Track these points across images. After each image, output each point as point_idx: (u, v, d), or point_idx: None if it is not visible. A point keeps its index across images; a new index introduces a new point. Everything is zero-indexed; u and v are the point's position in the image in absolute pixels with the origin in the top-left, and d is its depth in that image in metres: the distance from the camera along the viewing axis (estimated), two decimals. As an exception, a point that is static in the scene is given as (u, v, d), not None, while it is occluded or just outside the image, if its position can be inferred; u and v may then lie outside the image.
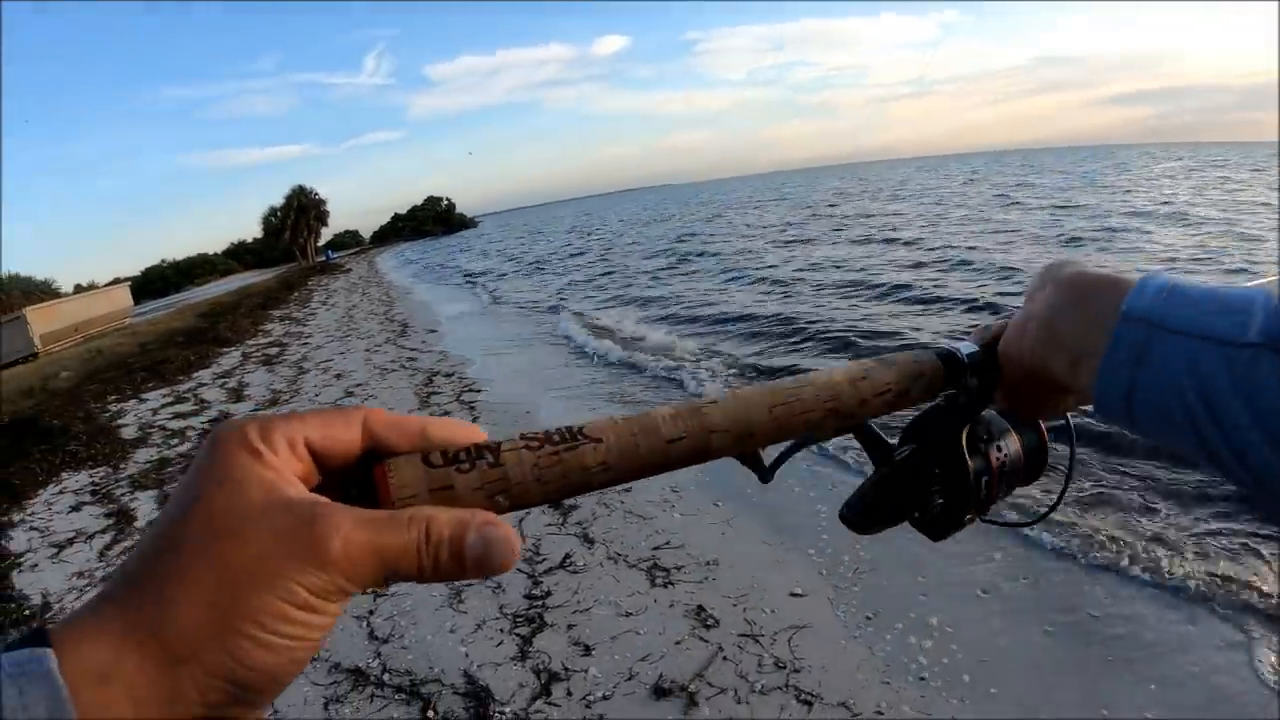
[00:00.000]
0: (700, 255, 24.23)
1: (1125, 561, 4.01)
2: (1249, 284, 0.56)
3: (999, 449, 0.76)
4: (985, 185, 44.15)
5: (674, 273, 21.11)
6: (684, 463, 0.57)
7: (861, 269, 16.71)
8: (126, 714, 0.33)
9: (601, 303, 17.22)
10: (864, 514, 0.77)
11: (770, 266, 19.13)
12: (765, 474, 0.67)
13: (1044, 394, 0.71)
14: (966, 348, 0.73)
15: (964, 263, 15.86)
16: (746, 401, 0.61)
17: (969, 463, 0.73)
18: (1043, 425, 0.80)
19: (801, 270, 17.69)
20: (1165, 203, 25.36)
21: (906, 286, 13.74)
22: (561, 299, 18.37)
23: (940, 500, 0.75)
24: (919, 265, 16.44)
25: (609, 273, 23.79)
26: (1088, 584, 3.86)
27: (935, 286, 13.52)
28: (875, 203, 38.15)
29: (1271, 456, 0.49)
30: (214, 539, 0.37)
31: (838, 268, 17.41)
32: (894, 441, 0.78)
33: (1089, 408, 0.66)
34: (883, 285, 14.17)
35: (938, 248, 18.70)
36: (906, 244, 20.36)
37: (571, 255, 33.75)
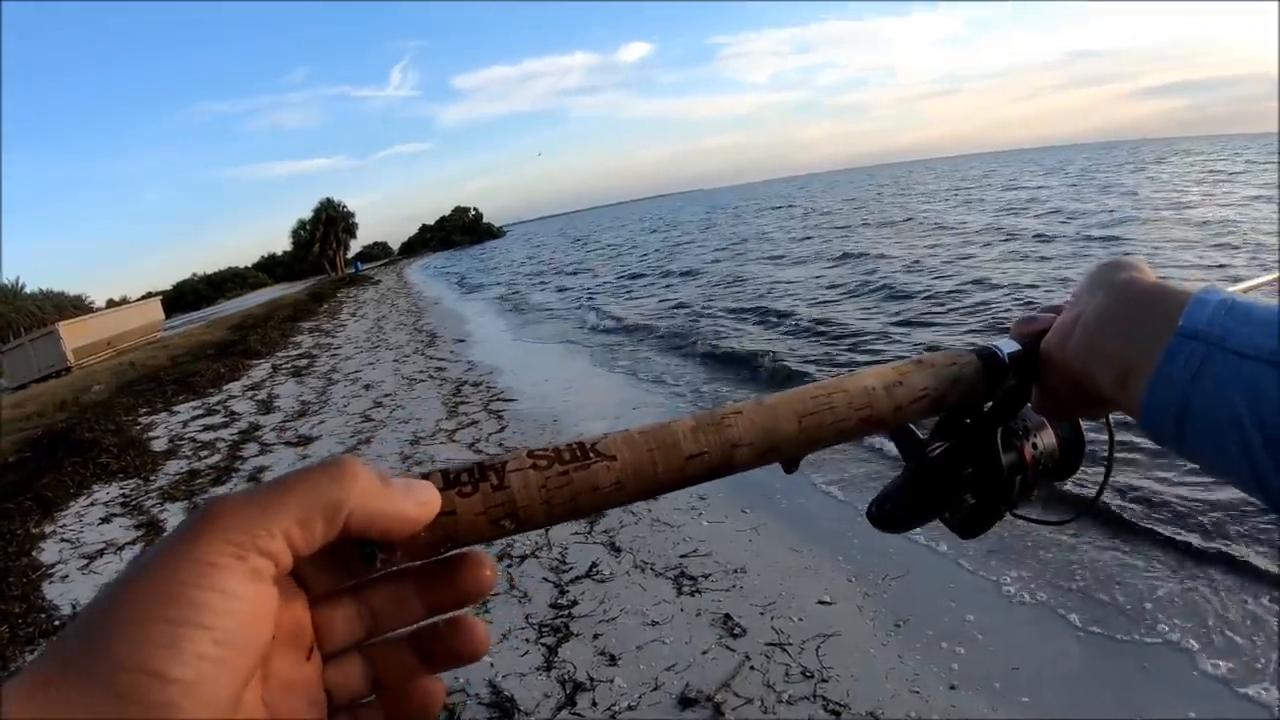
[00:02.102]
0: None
1: (1159, 566, 3.95)
2: None
3: (1034, 445, 0.73)
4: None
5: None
6: (703, 479, 0.54)
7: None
8: None
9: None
10: (893, 513, 0.75)
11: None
12: (790, 465, 0.63)
13: (1082, 402, 0.68)
14: (1007, 346, 0.70)
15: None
16: (773, 411, 0.58)
17: (1003, 461, 0.70)
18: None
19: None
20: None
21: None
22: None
23: (971, 500, 0.72)
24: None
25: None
26: (1120, 589, 3.79)
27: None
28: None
29: None
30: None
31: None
32: (925, 435, 0.76)
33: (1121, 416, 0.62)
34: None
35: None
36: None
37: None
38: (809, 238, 28.10)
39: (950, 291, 13.06)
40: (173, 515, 6.93)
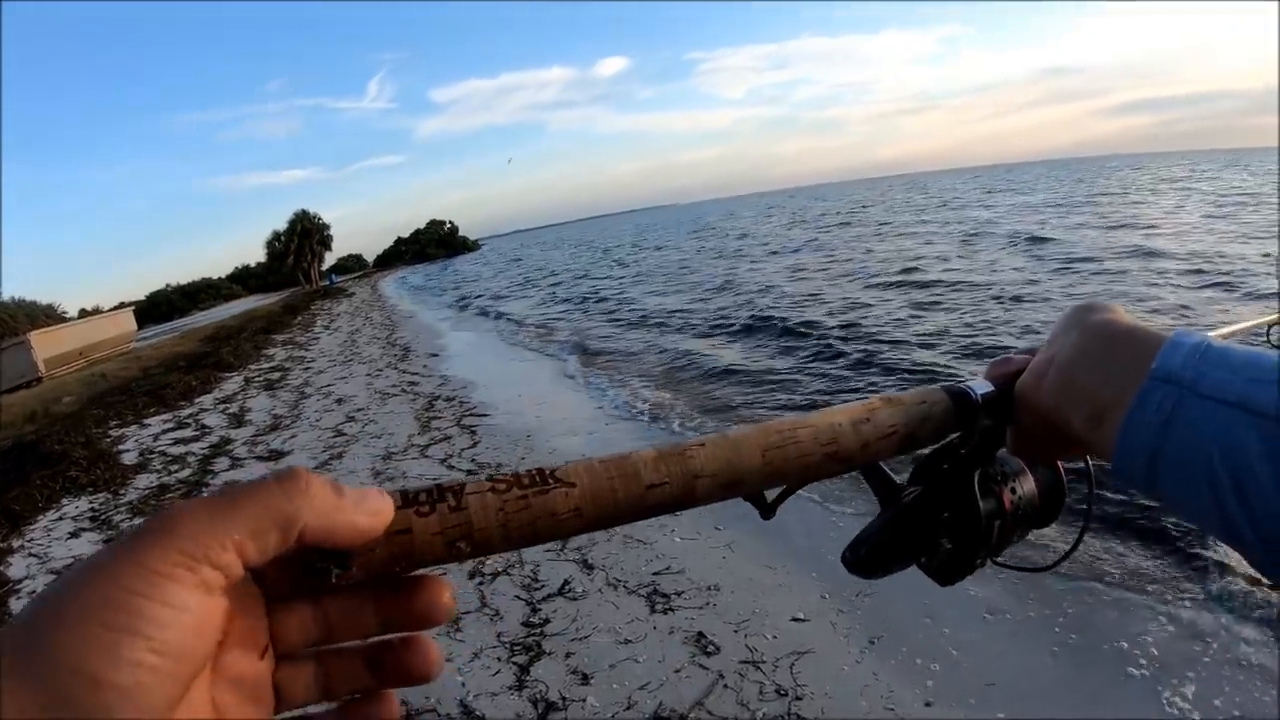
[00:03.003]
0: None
1: (1132, 579, 3.97)
2: None
3: (1013, 490, 0.72)
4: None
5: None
6: (665, 510, 0.54)
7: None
8: None
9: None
10: (867, 558, 0.72)
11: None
12: (766, 511, 0.63)
13: (1057, 443, 0.67)
14: (980, 386, 0.69)
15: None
16: (736, 444, 0.57)
17: (980, 505, 0.69)
18: (1059, 464, 0.76)
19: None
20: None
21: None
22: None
23: (949, 545, 0.71)
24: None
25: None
26: (1094, 603, 3.82)
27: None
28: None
29: None
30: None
31: None
32: (904, 478, 0.74)
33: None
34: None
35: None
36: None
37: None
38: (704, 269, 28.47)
39: (807, 322, 13.06)
40: (141, 531, 6.83)
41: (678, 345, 12.86)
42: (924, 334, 11.20)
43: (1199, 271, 13.48)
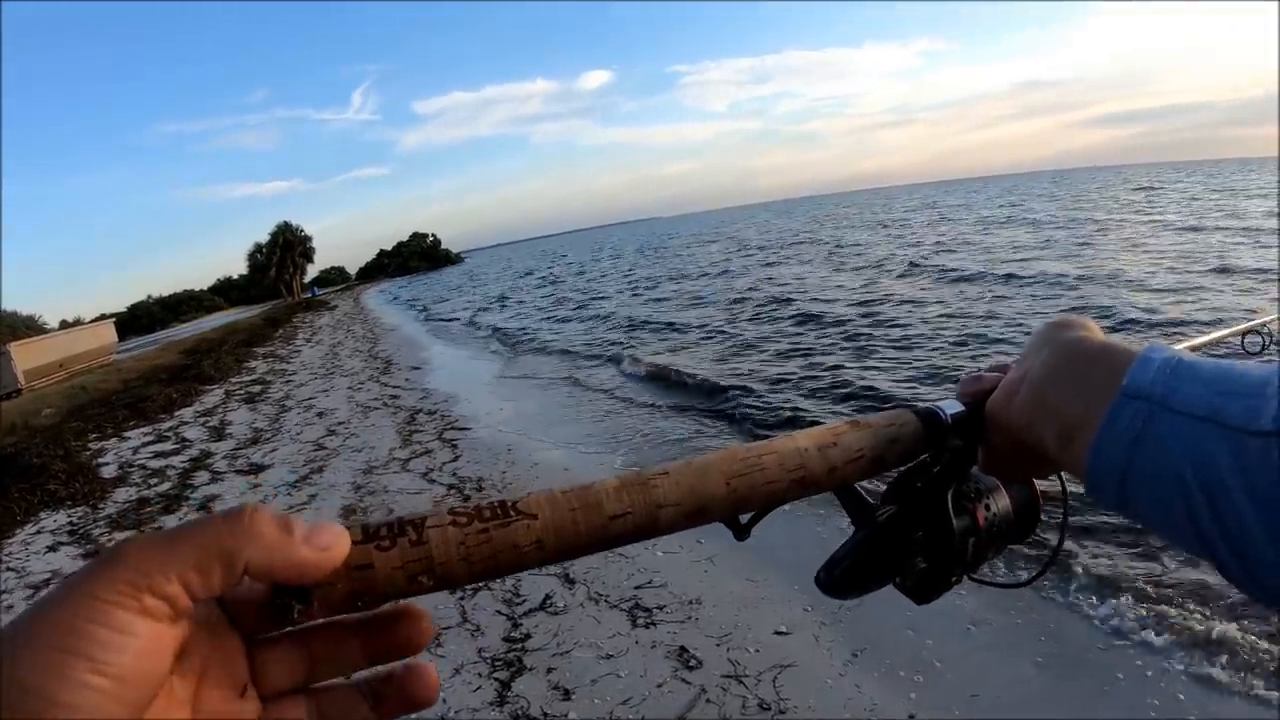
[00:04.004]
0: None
1: (1115, 591, 3.98)
2: (1269, 362, 0.50)
3: (987, 507, 0.71)
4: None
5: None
6: (628, 540, 0.53)
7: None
8: None
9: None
10: (842, 579, 0.71)
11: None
12: (740, 532, 0.62)
13: (1029, 462, 0.67)
14: (951, 407, 0.69)
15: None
16: (701, 472, 0.56)
17: (954, 523, 0.69)
18: (1034, 481, 0.75)
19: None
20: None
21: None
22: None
23: (923, 564, 0.71)
24: None
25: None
26: (1076, 615, 3.83)
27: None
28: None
29: (1273, 555, 0.44)
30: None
31: None
32: (877, 498, 0.73)
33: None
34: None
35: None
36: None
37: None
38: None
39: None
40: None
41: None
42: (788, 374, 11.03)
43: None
